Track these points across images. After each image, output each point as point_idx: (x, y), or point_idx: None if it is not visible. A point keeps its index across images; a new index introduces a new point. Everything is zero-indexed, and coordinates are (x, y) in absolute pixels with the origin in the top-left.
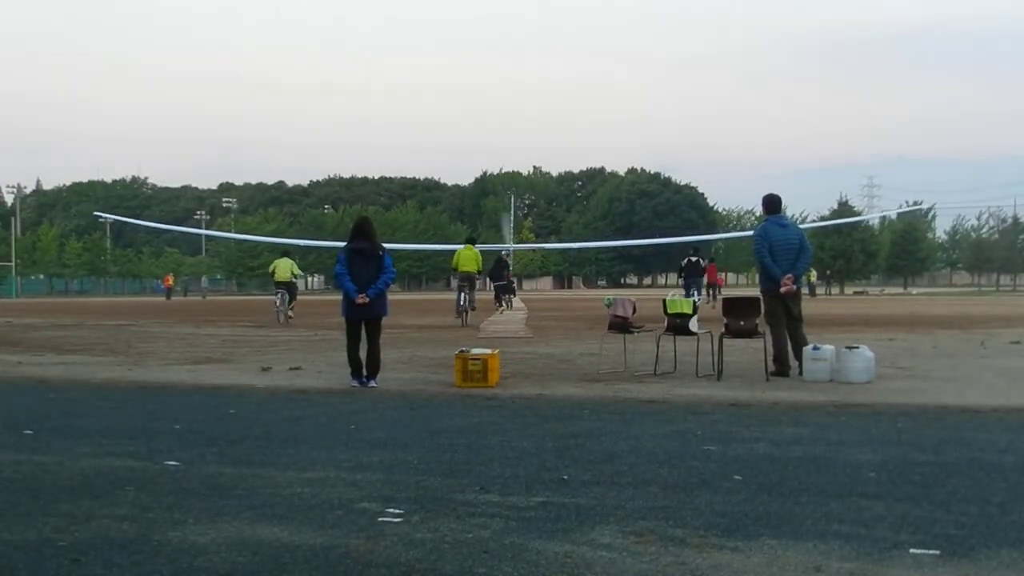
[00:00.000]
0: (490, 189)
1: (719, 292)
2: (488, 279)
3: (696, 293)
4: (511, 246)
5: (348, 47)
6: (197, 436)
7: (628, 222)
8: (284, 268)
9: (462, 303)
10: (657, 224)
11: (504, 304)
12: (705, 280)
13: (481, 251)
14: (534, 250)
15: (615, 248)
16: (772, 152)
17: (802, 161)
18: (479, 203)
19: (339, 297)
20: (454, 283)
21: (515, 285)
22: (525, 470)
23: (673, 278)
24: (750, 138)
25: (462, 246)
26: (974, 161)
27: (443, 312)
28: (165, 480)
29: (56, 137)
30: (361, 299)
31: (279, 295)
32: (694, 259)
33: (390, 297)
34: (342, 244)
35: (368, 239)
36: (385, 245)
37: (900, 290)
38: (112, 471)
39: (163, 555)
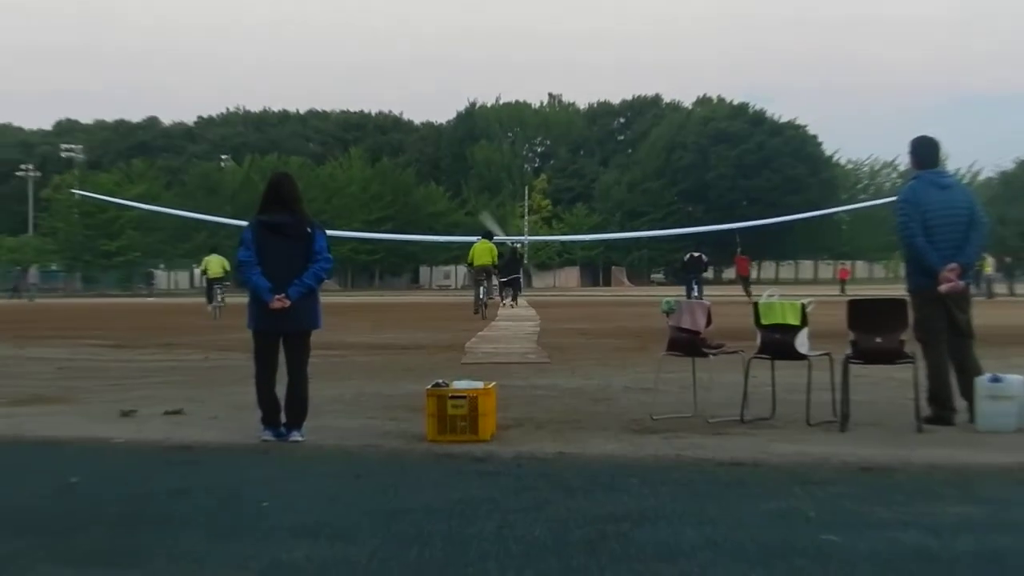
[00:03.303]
0: (480, 129)
1: (749, 284)
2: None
3: (697, 289)
4: (526, 237)
5: None
6: (17, 520)
7: (698, 181)
8: (216, 265)
9: (481, 296)
10: (743, 184)
11: (508, 300)
12: (705, 275)
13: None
14: (558, 243)
15: (675, 224)
16: (923, 72)
17: (970, 85)
18: (463, 151)
19: (244, 299)
20: (436, 275)
21: (520, 279)
22: (539, 575)
23: (771, 268)
24: (890, 49)
25: (477, 239)
26: None
27: (409, 323)
28: None
29: None
30: (278, 302)
31: (215, 290)
32: (696, 254)
33: (323, 299)
34: (245, 223)
35: (288, 209)
36: (329, 231)
37: None
38: None
39: None
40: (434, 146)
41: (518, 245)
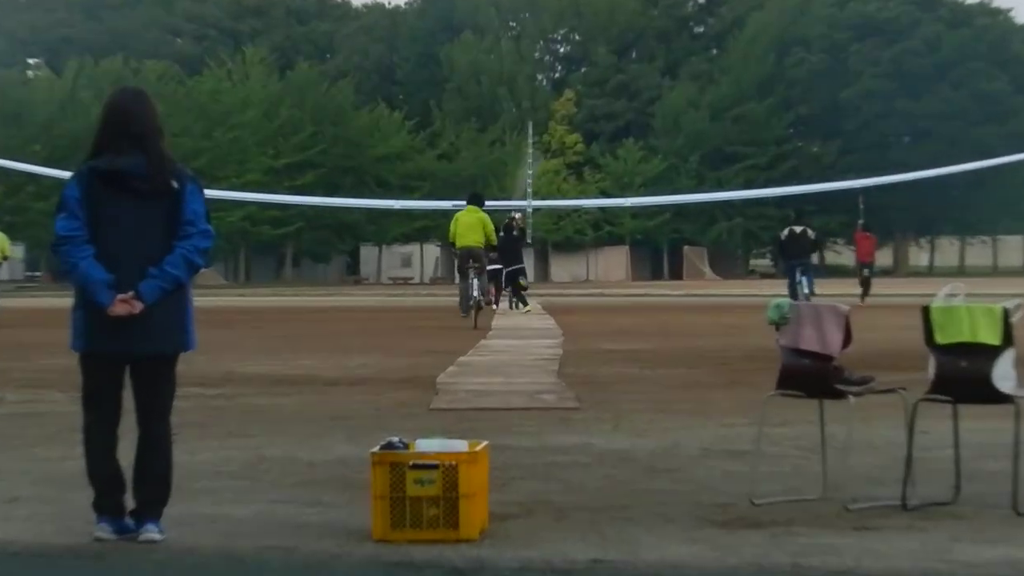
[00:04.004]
0: (463, 18)
1: (871, 274)
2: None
3: (806, 282)
4: (529, 203)
5: None
6: None
7: (827, 103)
8: None
9: (473, 293)
10: (903, 108)
11: (513, 302)
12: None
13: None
14: (594, 209)
15: (789, 176)
16: None
17: None
18: (434, 52)
19: (66, 301)
20: (389, 262)
21: (524, 269)
22: None
23: (952, 251)
24: None
25: (463, 204)
26: None
27: (344, 340)
28: None
29: None
30: (123, 305)
31: None
32: (798, 230)
33: (197, 301)
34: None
35: (140, 148)
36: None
37: None
38: None
39: None
40: (386, 45)
41: (517, 214)
